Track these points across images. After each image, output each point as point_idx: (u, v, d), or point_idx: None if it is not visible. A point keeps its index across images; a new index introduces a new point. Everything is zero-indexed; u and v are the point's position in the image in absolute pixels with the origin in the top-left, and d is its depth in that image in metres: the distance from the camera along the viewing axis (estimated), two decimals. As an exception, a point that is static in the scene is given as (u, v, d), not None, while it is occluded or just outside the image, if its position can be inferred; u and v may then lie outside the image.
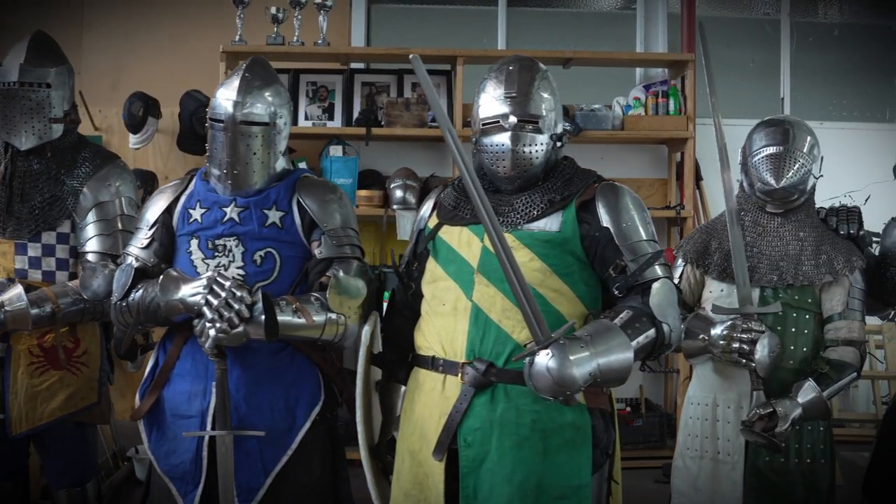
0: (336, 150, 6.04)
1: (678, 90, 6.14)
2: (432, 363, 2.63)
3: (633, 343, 2.40)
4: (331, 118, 6.26)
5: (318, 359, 2.86)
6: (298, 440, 2.79)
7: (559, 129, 2.71)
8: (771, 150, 3.06)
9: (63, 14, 6.37)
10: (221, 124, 2.83)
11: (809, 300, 3.01)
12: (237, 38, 5.94)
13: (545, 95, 2.68)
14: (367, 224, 6.20)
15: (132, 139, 6.12)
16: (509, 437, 2.51)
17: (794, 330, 2.99)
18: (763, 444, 2.83)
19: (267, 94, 2.87)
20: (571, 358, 2.24)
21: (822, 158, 3.17)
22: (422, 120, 5.99)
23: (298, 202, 2.87)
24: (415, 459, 2.64)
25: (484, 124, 2.67)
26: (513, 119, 2.62)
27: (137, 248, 2.89)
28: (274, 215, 2.84)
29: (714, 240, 3.14)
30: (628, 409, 6.00)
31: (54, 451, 3.25)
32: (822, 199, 3.33)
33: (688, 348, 3.03)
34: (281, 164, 2.92)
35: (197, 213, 2.85)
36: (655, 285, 2.55)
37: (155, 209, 2.92)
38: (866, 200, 6.20)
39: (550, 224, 2.61)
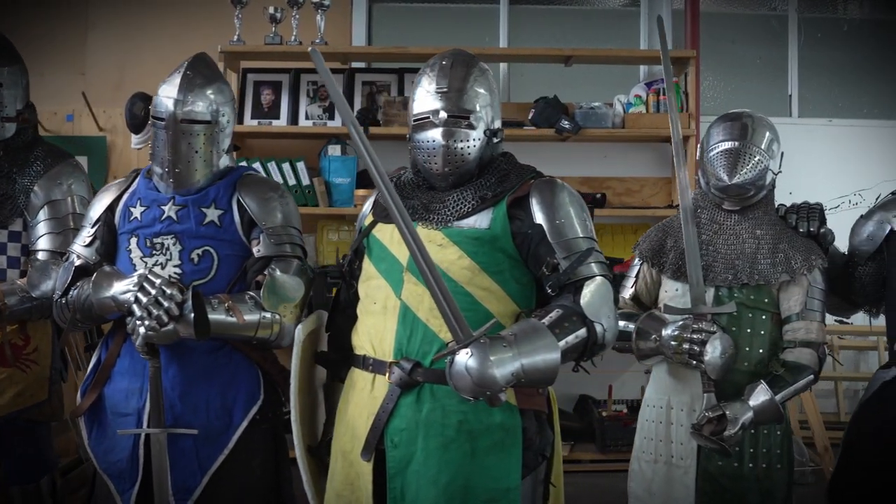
0: (335, 150, 6.03)
1: (680, 87, 6.04)
2: (363, 362, 2.60)
3: (562, 343, 2.34)
4: (331, 118, 6.23)
5: (258, 358, 2.84)
6: (235, 439, 2.78)
7: (496, 125, 2.67)
8: (726, 145, 2.98)
9: (67, 15, 6.42)
10: (163, 122, 2.82)
11: (766, 300, 2.92)
12: (235, 38, 5.94)
13: (480, 91, 2.64)
14: (366, 223, 6.18)
15: (134, 139, 6.13)
16: (435, 439, 2.47)
17: (749, 331, 2.89)
18: (714, 448, 2.75)
19: (209, 91, 2.86)
20: (492, 358, 2.18)
21: (782, 154, 3.07)
22: (419, 119, 5.95)
23: (238, 200, 2.86)
24: (346, 459, 2.60)
25: (415, 120, 2.64)
26: (443, 115, 2.58)
27: (80, 246, 2.89)
28: (212, 213, 2.82)
29: (670, 238, 3.05)
30: (626, 410, 5.90)
31: (6, 449, 3.25)
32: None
33: (640, 349, 2.95)
34: (224, 162, 2.91)
35: (137, 212, 2.85)
36: (588, 283, 2.50)
37: (98, 207, 2.92)
38: (878, 199, 6.06)
39: (480, 221, 2.56)
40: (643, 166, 6.34)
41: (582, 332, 2.41)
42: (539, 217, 2.56)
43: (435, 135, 2.58)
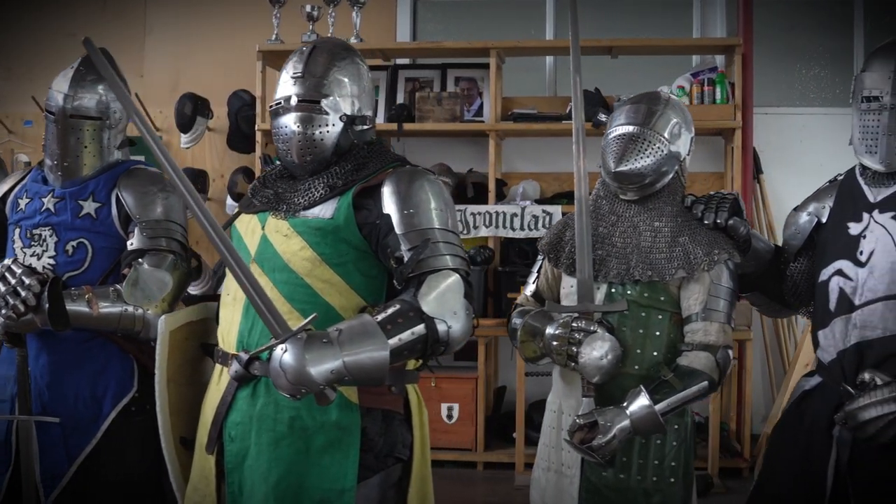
0: (370, 146, 6.01)
1: (724, 77, 5.72)
2: (215, 354, 2.57)
3: (393, 340, 2.22)
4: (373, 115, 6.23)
5: (134, 350, 2.85)
6: (104, 429, 2.80)
7: (362, 113, 2.58)
8: (622, 129, 2.75)
9: (126, 21, 6.67)
10: (53, 116, 2.87)
11: (662, 298, 2.67)
12: (273, 37, 6.02)
13: (342, 78, 2.55)
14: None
15: (182, 138, 6.33)
16: (267, 434, 2.41)
17: (642, 331, 2.65)
18: (588, 458, 2.56)
19: (100, 87, 2.89)
20: (307, 355, 2.11)
21: (691, 139, 2.83)
22: (454, 114, 5.88)
23: (117, 194, 2.87)
24: (202, 453, 2.57)
25: (271, 107, 2.57)
26: (294, 100, 2.51)
27: None
28: (89, 206, 2.85)
29: (569, 230, 2.83)
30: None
31: None
32: None
33: (529, 348, 2.77)
34: (116, 156, 2.94)
35: (23, 203, 2.92)
36: (433, 277, 2.36)
37: None
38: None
39: (325, 211, 2.47)
40: (694, 160, 5.99)
41: (419, 329, 2.28)
42: (388, 207, 2.45)
43: (287, 120, 2.52)
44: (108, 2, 6.69)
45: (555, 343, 2.63)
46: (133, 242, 2.82)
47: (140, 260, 2.78)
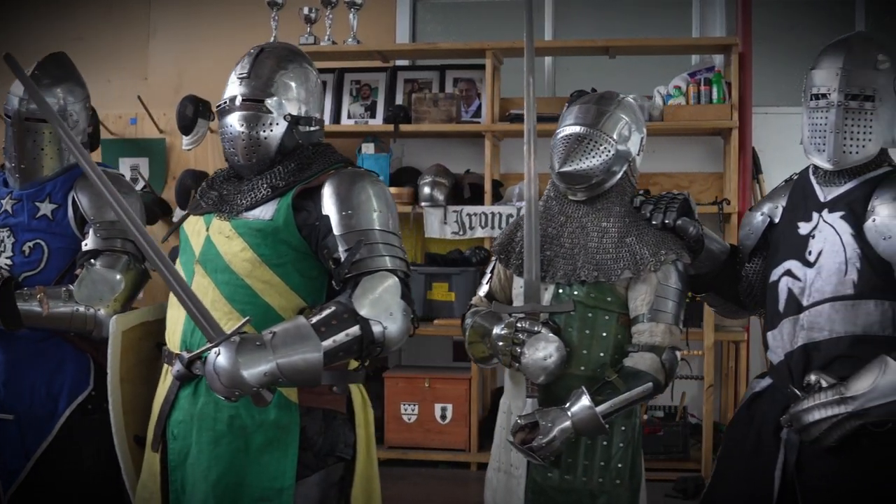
0: (368, 148, 6.04)
1: (721, 77, 5.67)
2: (163, 354, 2.60)
3: (328, 342, 2.25)
4: (373, 116, 6.27)
5: (90, 349, 2.89)
6: (59, 426, 2.84)
7: (309, 115, 2.60)
8: (569, 130, 2.74)
9: (130, 24, 6.72)
10: (10, 119, 2.92)
11: (609, 299, 2.65)
12: (272, 39, 6.05)
13: (289, 82, 2.59)
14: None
15: (184, 140, 6.36)
16: (206, 433, 2.45)
17: (588, 332, 2.63)
18: (533, 459, 2.55)
19: (57, 90, 2.94)
20: (240, 358, 2.15)
21: (642, 139, 2.81)
22: (450, 115, 5.88)
23: (74, 195, 2.91)
24: (150, 451, 2.61)
25: (217, 107, 2.60)
26: (239, 99, 2.54)
27: None
28: (46, 207, 2.90)
29: (520, 231, 2.81)
30: (663, 415, 5.58)
31: None
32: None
33: (477, 349, 2.78)
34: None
35: None
36: (368, 278, 2.38)
37: None
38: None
39: (266, 212, 2.50)
40: (693, 161, 6.05)
41: (353, 330, 2.30)
42: (328, 208, 2.47)
43: (232, 120, 2.56)
44: (113, 5, 6.74)
45: (500, 343, 2.63)
46: (87, 243, 2.86)
47: (93, 260, 2.81)
